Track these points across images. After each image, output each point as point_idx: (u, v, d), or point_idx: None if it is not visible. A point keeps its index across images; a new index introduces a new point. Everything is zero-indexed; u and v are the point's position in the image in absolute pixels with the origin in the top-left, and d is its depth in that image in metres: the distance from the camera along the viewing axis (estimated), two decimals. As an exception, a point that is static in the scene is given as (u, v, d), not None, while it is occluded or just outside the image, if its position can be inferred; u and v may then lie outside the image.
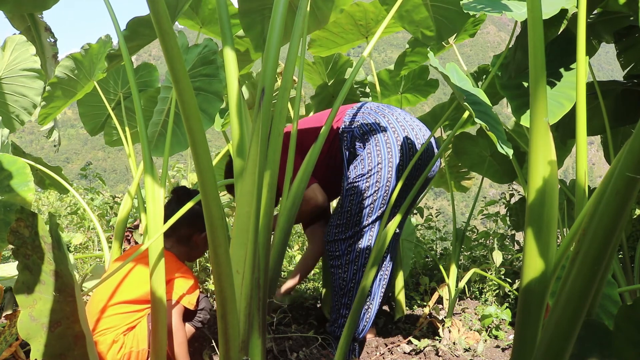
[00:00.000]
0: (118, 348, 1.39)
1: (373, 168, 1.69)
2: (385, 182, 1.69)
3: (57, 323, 0.80)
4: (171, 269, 1.46)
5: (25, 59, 2.20)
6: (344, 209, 1.74)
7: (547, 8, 1.51)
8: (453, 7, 1.96)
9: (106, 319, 1.41)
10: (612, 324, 0.78)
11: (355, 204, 1.71)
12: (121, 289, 1.44)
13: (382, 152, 1.70)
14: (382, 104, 1.87)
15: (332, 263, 1.78)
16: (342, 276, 1.75)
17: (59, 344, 0.79)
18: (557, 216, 0.82)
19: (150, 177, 1.22)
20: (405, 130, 1.74)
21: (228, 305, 1.00)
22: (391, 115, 1.77)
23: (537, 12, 0.83)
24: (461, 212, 20.00)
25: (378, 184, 1.69)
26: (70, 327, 0.83)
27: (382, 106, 1.85)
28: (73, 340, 0.83)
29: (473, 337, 2.01)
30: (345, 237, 1.74)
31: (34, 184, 1.47)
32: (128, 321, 1.42)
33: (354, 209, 1.72)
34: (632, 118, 2.15)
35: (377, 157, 1.70)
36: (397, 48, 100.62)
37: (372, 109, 1.82)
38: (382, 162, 1.69)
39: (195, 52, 1.83)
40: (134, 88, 1.30)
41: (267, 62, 1.08)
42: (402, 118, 1.78)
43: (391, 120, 1.75)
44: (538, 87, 0.82)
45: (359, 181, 1.71)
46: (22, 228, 0.80)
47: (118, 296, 1.43)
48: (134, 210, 3.35)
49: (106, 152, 79.10)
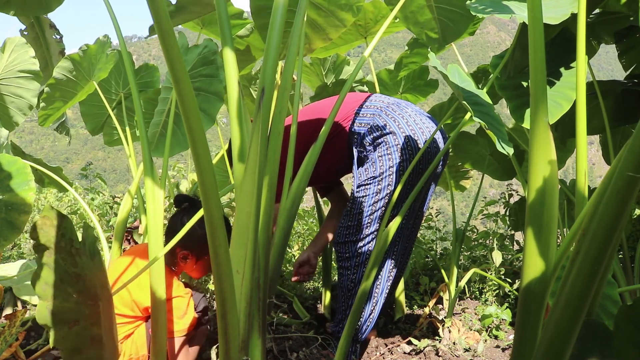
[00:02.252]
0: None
1: (385, 171, 1.69)
2: (396, 186, 1.67)
3: (75, 322, 0.79)
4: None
5: (24, 60, 2.19)
6: (355, 210, 1.73)
7: (555, 12, 1.50)
8: (457, 9, 1.94)
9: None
10: (612, 324, 0.78)
11: (367, 206, 1.71)
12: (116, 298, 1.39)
13: (392, 156, 1.69)
14: (391, 102, 1.84)
15: (341, 264, 1.77)
16: (351, 278, 1.74)
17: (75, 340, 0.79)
18: (557, 216, 0.82)
19: (150, 178, 1.22)
20: (415, 133, 1.73)
21: (228, 305, 1.00)
22: (401, 118, 1.75)
23: (537, 12, 0.83)
24: (461, 212, 19.99)
25: (390, 187, 1.69)
26: (89, 328, 0.82)
27: (392, 105, 1.81)
28: (89, 341, 0.82)
29: (473, 337, 2.01)
30: (355, 239, 1.73)
31: (34, 184, 1.47)
32: (123, 330, 1.40)
33: (366, 211, 1.71)
34: (632, 118, 2.15)
35: (388, 161, 1.70)
36: (397, 48, 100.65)
37: (382, 110, 1.79)
38: (393, 165, 1.69)
39: (195, 52, 1.83)
40: (134, 88, 1.30)
41: (267, 62, 1.08)
42: (412, 121, 1.76)
43: (402, 125, 1.73)
44: (538, 87, 0.82)
45: (370, 184, 1.71)
46: (48, 227, 0.79)
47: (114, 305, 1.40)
48: (133, 210, 3.35)
49: (106, 152, 79.08)
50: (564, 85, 1.76)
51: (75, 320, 0.79)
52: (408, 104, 1.85)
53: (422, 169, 1.72)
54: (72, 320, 0.79)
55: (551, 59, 1.88)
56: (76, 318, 0.80)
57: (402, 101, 1.87)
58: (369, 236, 1.73)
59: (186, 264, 1.54)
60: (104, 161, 79.83)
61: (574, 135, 1.20)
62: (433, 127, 1.79)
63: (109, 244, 2.69)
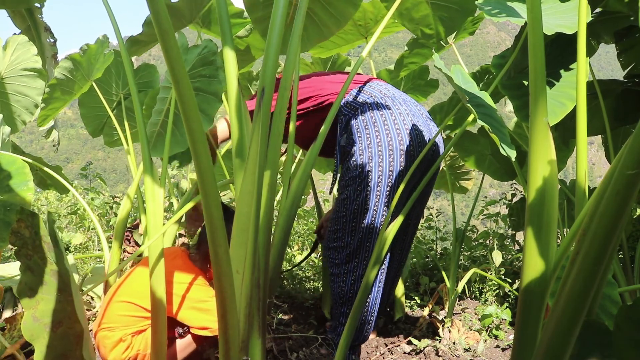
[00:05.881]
0: (124, 348, 1.38)
1: (364, 172, 1.63)
2: (376, 187, 1.63)
3: (59, 323, 0.80)
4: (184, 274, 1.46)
5: (27, 58, 2.19)
6: (339, 214, 1.71)
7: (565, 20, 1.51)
8: (453, 6, 1.96)
9: (113, 315, 1.40)
10: (612, 324, 0.78)
11: (350, 210, 1.67)
12: (136, 289, 1.43)
13: (373, 155, 1.63)
14: (390, 92, 1.77)
15: (332, 271, 1.76)
16: (341, 285, 1.73)
17: (61, 345, 0.80)
18: (557, 216, 0.82)
19: (150, 177, 1.22)
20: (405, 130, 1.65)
21: (228, 305, 1.00)
22: (390, 116, 1.67)
23: (537, 12, 0.83)
24: (461, 212, 19.99)
25: (368, 187, 1.63)
26: (72, 327, 0.83)
27: (388, 96, 1.74)
28: (75, 340, 0.83)
29: (473, 337, 2.01)
30: (343, 245, 1.71)
31: (33, 184, 1.46)
32: (138, 324, 1.42)
33: (348, 215, 1.68)
34: (632, 118, 2.15)
35: (368, 160, 1.63)
36: (397, 48, 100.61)
37: (378, 98, 1.72)
38: (373, 165, 1.63)
39: (195, 52, 1.83)
40: (133, 88, 1.30)
41: (267, 62, 1.08)
42: (405, 114, 1.68)
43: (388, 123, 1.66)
44: (538, 87, 0.82)
45: (350, 185, 1.67)
46: (23, 229, 0.80)
47: (132, 295, 1.42)
48: (133, 210, 3.35)
49: (106, 152, 79.05)
50: (566, 85, 1.76)
51: (59, 321, 0.80)
52: (405, 100, 1.76)
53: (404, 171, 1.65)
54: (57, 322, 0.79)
55: (551, 59, 1.88)
56: (60, 319, 0.80)
57: (399, 95, 1.78)
58: (356, 242, 1.69)
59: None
60: (104, 161, 79.80)
61: (574, 135, 1.20)
62: (425, 128, 1.72)
63: (109, 244, 2.69)
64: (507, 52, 2.02)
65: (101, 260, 2.80)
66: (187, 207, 1.34)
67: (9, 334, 1.27)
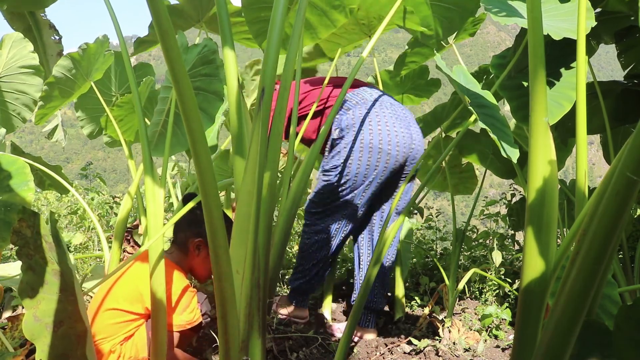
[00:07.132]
0: (115, 358, 1.35)
1: (346, 164, 1.87)
2: (354, 176, 1.86)
3: (61, 323, 0.80)
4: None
5: (24, 56, 2.19)
6: (319, 191, 1.93)
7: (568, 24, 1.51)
8: (454, 7, 1.96)
9: (101, 326, 1.36)
10: (612, 324, 0.78)
11: (328, 190, 1.91)
12: (119, 293, 1.39)
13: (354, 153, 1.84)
14: (378, 96, 1.94)
15: (304, 229, 1.99)
16: (305, 242, 1.96)
17: (62, 344, 0.79)
18: (557, 216, 0.82)
19: (150, 178, 1.22)
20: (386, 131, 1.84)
21: (228, 305, 1.00)
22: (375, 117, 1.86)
23: (537, 12, 0.83)
24: (461, 212, 19.97)
25: (347, 177, 1.87)
26: (73, 326, 0.83)
27: (376, 99, 1.93)
28: (76, 340, 0.83)
29: (473, 337, 2.01)
30: (316, 212, 1.96)
31: (33, 184, 1.46)
32: (124, 330, 1.38)
33: (326, 193, 1.91)
34: (632, 118, 2.15)
35: (350, 154, 1.85)
36: (397, 48, 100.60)
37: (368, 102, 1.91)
38: (353, 162, 1.85)
39: (195, 51, 1.83)
40: (134, 88, 1.29)
41: (267, 62, 1.08)
42: (389, 116, 1.87)
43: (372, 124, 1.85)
44: (538, 87, 0.82)
45: (332, 171, 1.89)
46: (25, 228, 0.80)
47: (116, 300, 1.38)
48: (133, 210, 3.35)
49: (106, 152, 79.06)
50: (564, 86, 1.76)
51: (60, 321, 0.80)
52: (392, 104, 1.94)
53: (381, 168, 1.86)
54: (58, 322, 0.79)
55: (551, 59, 1.88)
56: (61, 318, 0.80)
57: (386, 99, 1.96)
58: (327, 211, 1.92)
59: (199, 255, 1.55)
60: (104, 161, 79.83)
61: (574, 135, 1.20)
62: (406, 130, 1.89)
63: (109, 244, 2.69)
64: (506, 52, 2.02)
65: (101, 261, 2.80)
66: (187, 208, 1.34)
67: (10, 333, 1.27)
